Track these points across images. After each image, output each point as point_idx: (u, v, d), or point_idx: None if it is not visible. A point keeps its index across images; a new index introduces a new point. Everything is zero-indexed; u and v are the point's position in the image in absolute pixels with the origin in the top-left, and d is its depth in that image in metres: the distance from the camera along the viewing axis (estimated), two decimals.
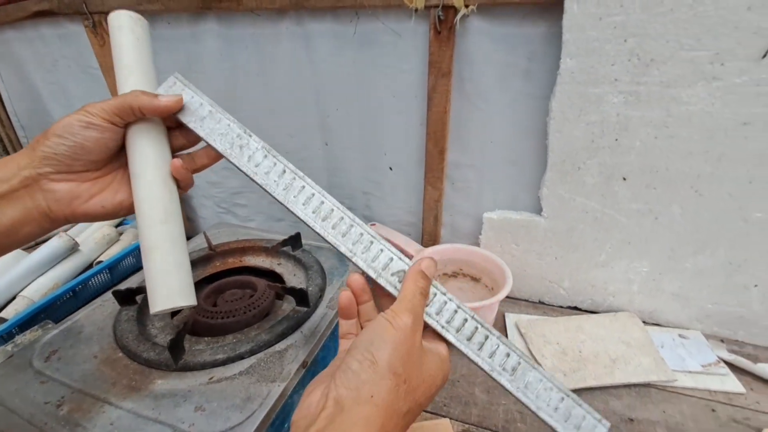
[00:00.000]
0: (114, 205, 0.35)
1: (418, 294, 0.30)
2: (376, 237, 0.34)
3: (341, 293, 0.34)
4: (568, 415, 0.31)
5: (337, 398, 0.25)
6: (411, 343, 0.28)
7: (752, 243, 0.56)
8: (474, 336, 0.32)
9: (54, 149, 0.32)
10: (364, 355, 0.26)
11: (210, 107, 0.38)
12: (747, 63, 0.46)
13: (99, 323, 0.52)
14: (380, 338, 0.27)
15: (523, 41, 0.57)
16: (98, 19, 0.74)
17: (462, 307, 0.33)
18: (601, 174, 0.59)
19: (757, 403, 0.54)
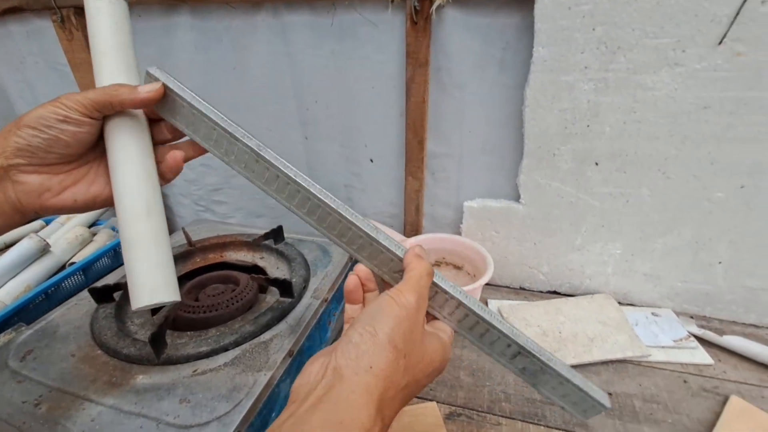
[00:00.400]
0: (87, 198, 0.34)
1: (424, 275, 0.30)
2: (377, 238, 0.32)
3: (349, 277, 0.34)
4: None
5: (336, 367, 0.25)
6: (414, 321, 0.28)
7: (715, 222, 0.60)
8: (475, 327, 0.32)
9: (28, 141, 0.31)
10: (365, 328, 0.27)
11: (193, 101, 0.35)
12: (706, 49, 0.49)
13: (75, 322, 0.51)
14: (382, 313, 0.27)
15: (498, 31, 0.58)
16: (67, 14, 0.72)
17: (464, 302, 0.32)
18: (574, 159, 0.61)
19: (724, 373, 0.58)
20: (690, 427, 0.50)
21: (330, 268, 0.61)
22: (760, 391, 0.55)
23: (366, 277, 0.34)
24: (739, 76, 0.49)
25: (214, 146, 0.34)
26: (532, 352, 0.31)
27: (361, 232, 0.32)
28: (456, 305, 0.32)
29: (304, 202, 0.33)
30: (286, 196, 0.33)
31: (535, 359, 0.31)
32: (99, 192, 0.35)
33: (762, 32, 0.47)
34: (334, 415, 0.23)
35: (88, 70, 0.76)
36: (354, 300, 0.34)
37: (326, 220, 0.33)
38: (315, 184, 0.32)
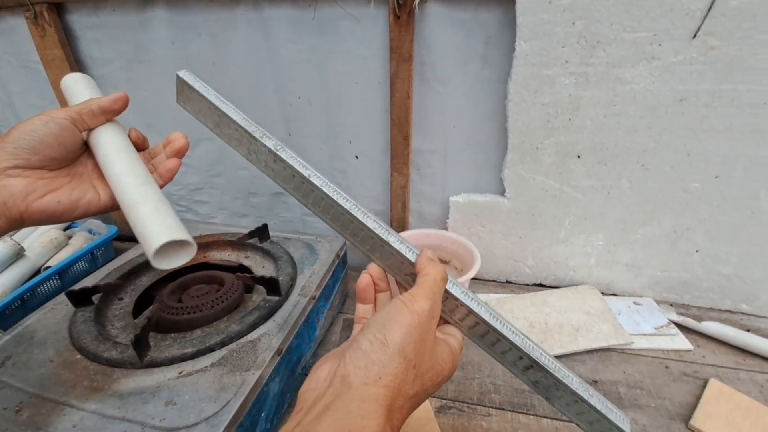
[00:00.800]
0: (70, 201, 0.35)
1: (439, 280, 0.29)
2: (388, 240, 0.32)
3: (361, 276, 0.34)
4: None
5: (345, 375, 0.25)
6: (425, 329, 0.27)
7: (692, 211, 0.62)
8: (486, 336, 0.31)
9: (14, 145, 0.32)
10: (375, 335, 0.26)
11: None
12: (681, 43, 0.50)
13: (52, 327, 0.49)
14: (394, 320, 0.27)
15: (480, 26, 0.58)
16: (39, 10, 0.69)
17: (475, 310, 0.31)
18: (557, 153, 0.62)
19: (703, 357, 0.60)
20: (672, 410, 0.51)
21: (317, 266, 0.60)
22: (736, 374, 0.57)
23: (378, 277, 0.34)
24: (712, 69, 0.51)
25: (237, 145, 0.35)
26: (545, 366, 0.29)
27: (372, 233, 0.32)
28: (467, 312, 0.31)
29: (318, 201, 0.33)
30: (302, 194, 0.34)
31: (548, 374, 0.30)
32: (81, 196, 0.35)
33: (733, 26, 0.48)
34: (343, 423, 0.23)
35: (60, 67, 0.74)
36: (365, 299, 0.34)
37: (339, 220, 0.33)
38: (328, 183, 0.33)
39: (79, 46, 0.75)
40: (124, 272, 0.58)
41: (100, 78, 0.78)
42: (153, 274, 0.60)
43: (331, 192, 0.32)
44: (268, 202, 0.85)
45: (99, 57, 0.75)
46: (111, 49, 0.73)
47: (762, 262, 0.63)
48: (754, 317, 0.67)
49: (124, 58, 0.74)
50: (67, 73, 0.74)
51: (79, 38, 0.74)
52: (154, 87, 0.75)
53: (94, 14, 0.71)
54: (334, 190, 0.32)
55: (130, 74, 0.76)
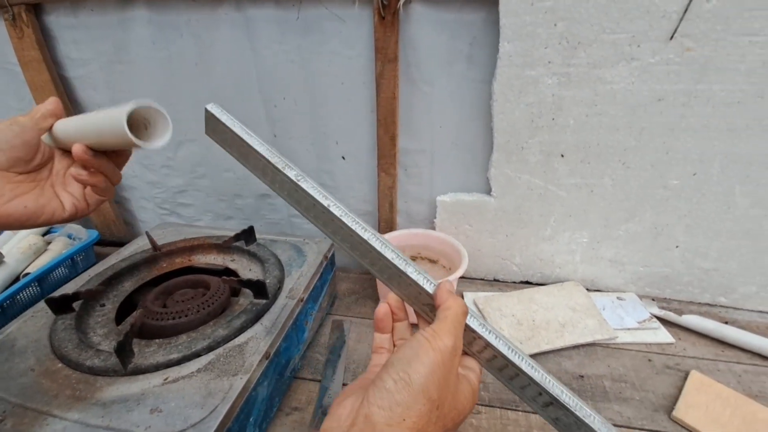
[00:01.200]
0: (36, 206, 0.36)
1: (461, 315, 0.29)
2: (405, 271, 0.32)
3: (379, 305, 0.34)
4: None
5: (368, 415, 0.24)
6: (449, 367, 0.27)
7: (671, 208, 0.63)
8: (504, 369, 0.31)
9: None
10: (399, 374, 0.26)
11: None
12: (658, 44, 0.52)
13: (33, 335, 0.47)
14: (418, 358, 0.26)
15: (465, 27, 0.59)
16: (18, 11, 0.67)
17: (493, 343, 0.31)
18: (542, 152, 0.63)
19: (684, 350, 0.61)
20: (656, 402, 0.53)
21: (305, 268, 0.60)
22: (716, 365, 0.59)
23: (396, 306, 0.34)
24: (689, 69, 0.53)
25: (261, 174, 0.37)
26: (566, 405, 0.29)
27: (390, 264, 0.32)
28: (485, 345, 0.31)
29: (337, 230, 0.34)
30: (322, 223, 0.35)
31: (569, 413, 0.29)
32: (46, 202, 0.37)
33: (708, 28, 0.50)
34: None
35: (38, 68, 0.72)
36: (383, 329, 0.34)
37: (358, 249, 0.34)
38: (348, 213, 0.33)
39: (57, 46, 0.73)
40: (106, 278, 0.57)
41: (78, 79, 0.76)
42: (136, 279, 0.59)
43: (350, 222, 0.33)
44: (254, 204, 0.84)
45: (77, 58, 0.73)
46: (90, 49, 0.72)
47: (738, 255, 0.65)
48: (731, 309, 0.69)
49: (103, 59, 0.72)
50: (44, 74, 0.73)
51: (57, 39, 0.72)
52: (135, 88, 0.74)
53: (72, 14, 0.69)
54: (353, 220, 0.33)
55: (109, 75, 0.74)
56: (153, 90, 0.74)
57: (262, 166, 0.36)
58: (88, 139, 0.37)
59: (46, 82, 0.73)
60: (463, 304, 0.30)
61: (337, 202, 0.34)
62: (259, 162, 0.36)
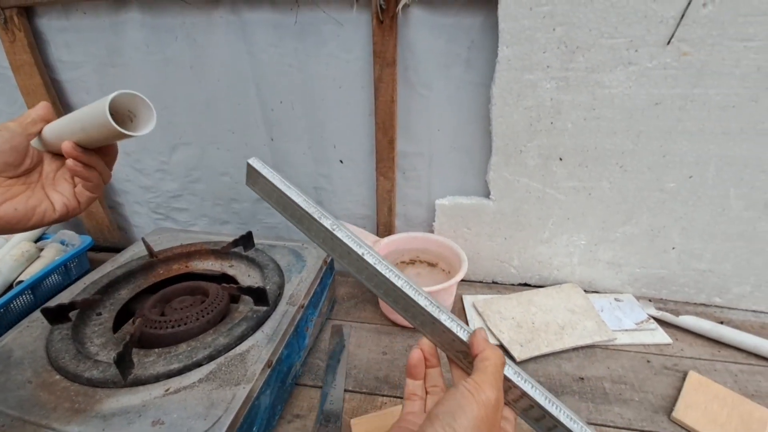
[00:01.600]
0: (26, 209, 0.36)
1: (500, 366, 0.29)
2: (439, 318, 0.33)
3: (412, 351, 0.34)
4: None
5: None
6: (492, 421, 0.27)
7: (668, 210, 0.64)
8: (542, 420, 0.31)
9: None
10: (445, 428, 0.26)
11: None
12: (656, 49, 0.52)
13: (29, 346, 0.46)
14: (462, 412, 0.26)
15: (462, 30, 0.59)
16: (10, 14, 0.66)
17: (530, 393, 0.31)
18: (540, 156, 0.63)
19: (681, 351, 0.62)
20: (655, 403, 0.53)
21: (304, 274, 0.60)
22: (713, 365, 0.59)
23: (430, 353, 0.34)
24: (685, 74, 0.53)
25: (298, 222, 0.39)
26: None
27: (423, 311, 0.33)
28: (521, 394, 0.31)
29: (371, 277, 0.36)
30: (356, 269, 0.36)
31: None
32: (36, 204, 0.37)
33: (704, 33, 0.50)
34: None
35: (30, 72, 0.71)
36: (416, 375, 0.34)
37: (391, 295, 0.35)
38: (382, 260, 0.35)
39: (48, 50, 0.71)
40: (102, 286, 0.56)
41: (70, 82, 0.75)
42: (132, 286, 0.58)
43: (383, 269, 0.34)
44: (251, 208, 0.84)
45: (69, 61, 0.72)
46: (82, 52, 0.70)
47: (733, 256, 0.66)
48: (726, 309, 0.70)
49: (96, 62, 0.71)
50: (35, 78, 0.71)
51: (48, 42, 0.71)
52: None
53: (64, 17, 0.68)
54: (386, 267, 0.35)
55: (102, 78, 0.73)
56: (147, 93, 0.71)
57: (299, 215, 0.38)
58: (76, 136, 0.37)
59: (37, 86, 0.71)
60: (501, 355, 0.30)
61: (371, 250, 0.35)
62: (296, 212, 0.38)
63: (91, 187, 0.39)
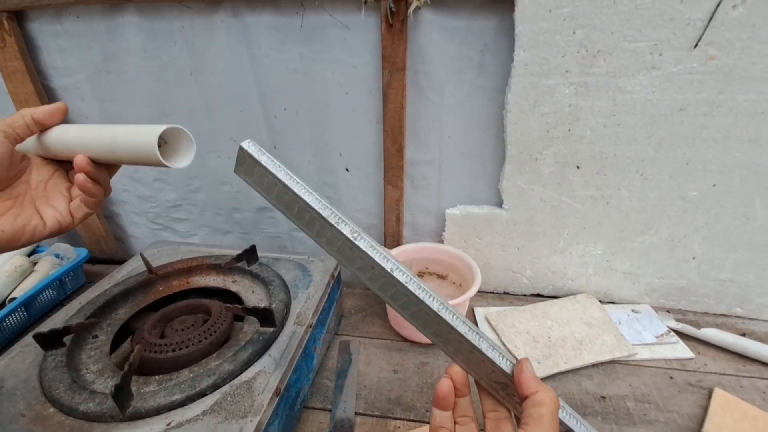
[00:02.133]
0: (15, 228, 0.34)
1: (556, 411, 0.27)
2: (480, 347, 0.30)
3: (441, 381, 0.31)
4: None
5: None
6: None
7: (689, 219, 0.61)
8: None
9: None
10: None
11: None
12: (681, 52, 0.50)
13: (21, 374, 0.43)
14: None
15: (476, 34, 0.56)
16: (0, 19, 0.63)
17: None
18: (556, 163, 0.60)
19: (704, 365, 0.59)
20: (681, 424, 0.51)
21: (311, 290, 0.57)
22: (739, 381, 0.57)
23: (461, 382, 0.31)
24: (712, 78, 0.51)
25: (306, 226, 0.32)
26: None
27: (461, 338, 0.29)
28: None
29: (398, 296, 0.30)
30: (380, 286, 0.31)
31: None
32: (26, 222, 0.34)
33: (733, 36, 0.48)
34: None
35: (21, 79, 0.68)
36: (445, 406, 0.31)
37: (421, 318, 0.30)
38: (414, 278, 0.30)
39: (40, 56, 0.68)
40: (98, 306, 0.53)
41: (64, 89, 0.71)
42: (130, 305, 0.55)
43: (415, 289, 0.29)
44: (253, 218, 0.81)
45: (63, 67, 0.69)
46: (76, 58, 0.67)
47: (756, 267, 0.63)
48: (747, 320, 0.68)
49: (90, 68, 0.68)
50: (28, 86, 0.68)
51: (40, 48, 0.68)
52: (125, 99, 0.70)
53: (56, 22, 0.65)
54: (418, 286, 0.30)
55: (98, 85, 0.70)
56: (145, 100, 0.70)
57: (308, 218, 0.31)
58: (95, 151, 0.35)
59: (30, 94, 0.68)
60: (555, 397, 0.27)
61: (399, 265, 0.30)
62: (304, 213, 0.31)
63: (93, 203, 0.37)
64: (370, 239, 0.31)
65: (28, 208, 0.35)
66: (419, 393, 0.55)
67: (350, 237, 0.30)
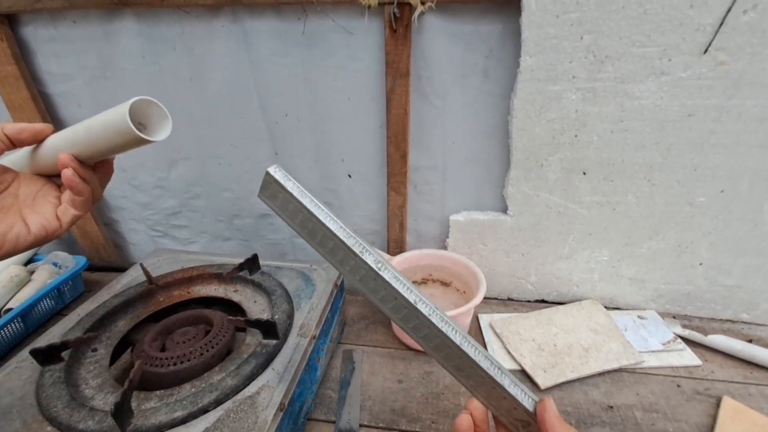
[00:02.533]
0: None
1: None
2: (502, 383, 0.29)
3: (461, 416, 0.30)
4: None
5: None
6: None
7: (697, 225, 0.61)
8: None
9: None
10: None
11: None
12: (691, 58, 0.49)
13: (17, 391, 0.42)
14: None
15: (481, 39, 0.55)
16: None
17: None
18: (562, 169, 0.59)
19: (712, 373, 0.59)
20: None
21: (315, 299, 0.56)
22: (746, 389, 0.56)
23: (481, 419, 0.30)
24: (721, 84, 0.50)
25: (329, 253, 0.32)
26: None
27: (484, 373, 0.29)
28: None
29: (420, 327, 0.31)
30: (402, 317, 0.31)
31: None
32: (7, 230, 0.34)
33: (744, 41, 0.47)
34: None
35: (16, 85, 0.66)
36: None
37: (443, 350, 0.30)
38: (437, 310, 0.30)
39: (35, 61, 0.67)
40: (97, 318, 0.52)
41: (61, 96, 0.70)
42: (130, 317, 0.54)
43: (438, 322, 0.30)
44: (254, 224, 0.80)
45: (59, 73, 0.68)
46: (73, 63, 0.66)
47: (763, 272, 0.63)
48: (754, 326, 0.67)
49: (88, 74, 0.67)
50: (22, 92, 0.67)
51: (35, 53, 0.66)
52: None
53: (51, 26, 0.63)
54: (441, 318, 0.30)
55: (94, 91, 0.68)
56: None
57: (332, 245, 0.31)
58: (77, 149, 0.34)
59: (25, 100, 0.67)
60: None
61: (423, 296, 0.30)
62: (328, 241, 0.31)
63: (80, 203, 0.36)
64: (394, 269, 0.31)
65: (11, 216, 0.34)
66: (424, 404, 0.54)
67: (374, 267, 0.30)
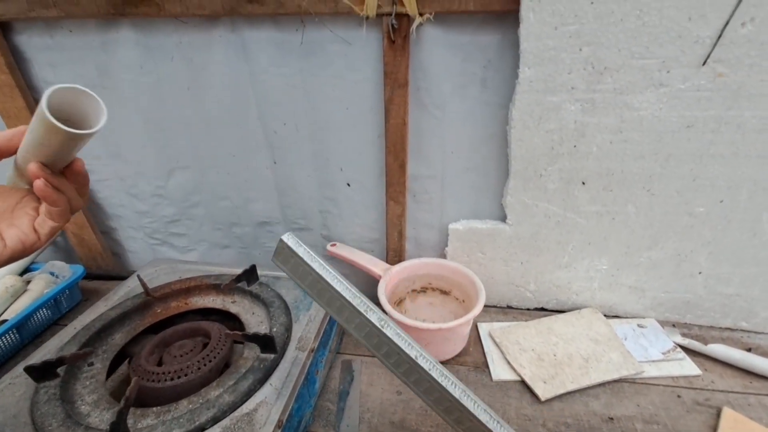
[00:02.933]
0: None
1: None
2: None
3: None
4: None
5: None
6: None
7: (696, 234, 0.61)
8: None
9: None
10: None
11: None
12: (689, 69, 0.49)
13: (11, 409, 0.42)
14: None
15: (479, 50, 0.55)
16: None
17: None
18: (561, 179, 0.59)
19: (712, 383, 0.58)
20: None
21: (313, 311, 0.56)
22: (746, 399, 0.56)
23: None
24: (720, 95, 0.50)
25: (336, 312, 0.35)
26: None
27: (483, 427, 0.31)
28: None
29: (420, 381, 0.33)
30: (404, 371, 0.33)
31: None
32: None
33: (742, 53, 0.47)
34: None
35: (11, 94, 0.66)
36: None
37: (443, 404, 0.32)
38: (437, 365, 0.32)
39: (30, 70, 0.67)
40: (94, 332, 0.51)
41: None
42: (127, 330, 0.54)
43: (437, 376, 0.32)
44: (253, 233, 0.79)
45: (55, 82, 0.66)
46: (69, 73, 0.66)
47: (762, 281, 0.63)
48: (753, 334, 0.67)
49: (84, 83, 0.65)
50: (18, 101, 0.66)
51: (30, 61, 0.66)
52: (120, 115, 0.68)
53: (47, 35, 0.63)
54: (440, 373, 0.32)
55: None
56: (141, 116, 0.68)
57: (339, 305, 0.34)
58: (37, 154, 0.33)
59: (20, 109, 0.66)
60: None
61: (423, 352, 0.32)
62: (335, 301, 0.34)
63: (57, 213, 0.35)
64: (396, 327, 0.33)
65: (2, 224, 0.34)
66: (423, 416, 0.54)
67: (378, 324, 0.33)
